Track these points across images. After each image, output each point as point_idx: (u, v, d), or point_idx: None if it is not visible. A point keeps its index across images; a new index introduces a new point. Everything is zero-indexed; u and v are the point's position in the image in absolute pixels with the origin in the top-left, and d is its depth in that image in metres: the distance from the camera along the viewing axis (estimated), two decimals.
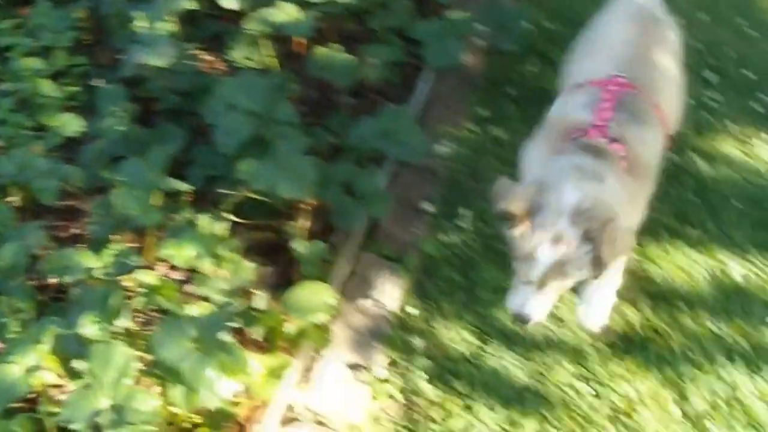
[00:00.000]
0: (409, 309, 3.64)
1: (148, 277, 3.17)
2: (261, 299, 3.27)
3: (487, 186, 4.05)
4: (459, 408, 3.39)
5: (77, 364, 2.87)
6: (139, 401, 2.78)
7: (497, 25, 4.69)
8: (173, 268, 3.45)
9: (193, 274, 3.31)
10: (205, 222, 3.38)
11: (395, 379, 3.45)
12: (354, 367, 3.43)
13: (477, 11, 4.68)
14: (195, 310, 3.09)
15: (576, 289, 3.59)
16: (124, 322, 2.99)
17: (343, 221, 3.70)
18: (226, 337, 2.89)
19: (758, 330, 3.88)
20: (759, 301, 4.01)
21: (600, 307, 3.68)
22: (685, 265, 4.03)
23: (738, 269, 4.10)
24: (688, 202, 4.24)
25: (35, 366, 2.87)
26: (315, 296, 3.29)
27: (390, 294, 3.68)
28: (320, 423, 3.29)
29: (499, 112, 4.60)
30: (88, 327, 2.93)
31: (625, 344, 3.72)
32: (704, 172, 4.50)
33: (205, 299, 3.21)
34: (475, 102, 4.64)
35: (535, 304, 3.08)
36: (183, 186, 3.44)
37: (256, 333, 3.21)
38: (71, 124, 3.89)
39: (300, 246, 3.53)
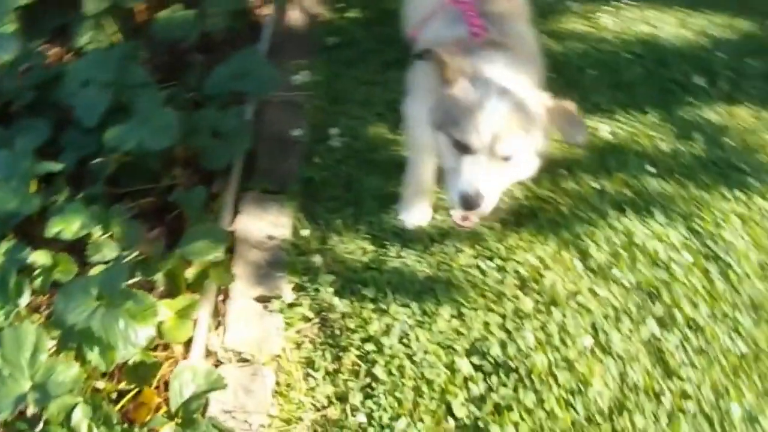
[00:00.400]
0: (303, 232, 3.64)
1: (42, 258, 3.12)
2: (157, 249, 3.23)
3: (348, 105, 4.12)
4: (373, 312, 3.40)
5: None
6: (59, 373, 2.74)
7: None
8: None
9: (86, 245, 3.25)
10: (86, 195, 3.35)
11: (305, 301, 3.43)
12: (262, 299, 3.41)
13: None
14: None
15: None
16: (26, 300, 2.93)
17: (212, 161, 3.68)
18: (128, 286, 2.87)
19: (639, 178, 4.03)
20: (632, 152, 4.17)
21: None
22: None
23: (606, 128, 4.26)
24: (546, 79, 4.30)
25: None
26: (207, 236, 3.26)
27: (281, 224, 3.66)
28: (243, 360, 3.27)
29: (347, 37, 4.63)
30: None
31: (516, 218, 3.80)
32: (556, 50, 4.62)
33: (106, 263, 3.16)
34: (322, 32, 4.65)
35: (485, 180, 2.86)
36: (56, 166, 3.39)
37: (159, 282, 3.18)
38: None
39: (181, 195, 3.51)
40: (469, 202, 2.86)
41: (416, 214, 3.71)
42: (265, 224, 3.64)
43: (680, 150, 4.22)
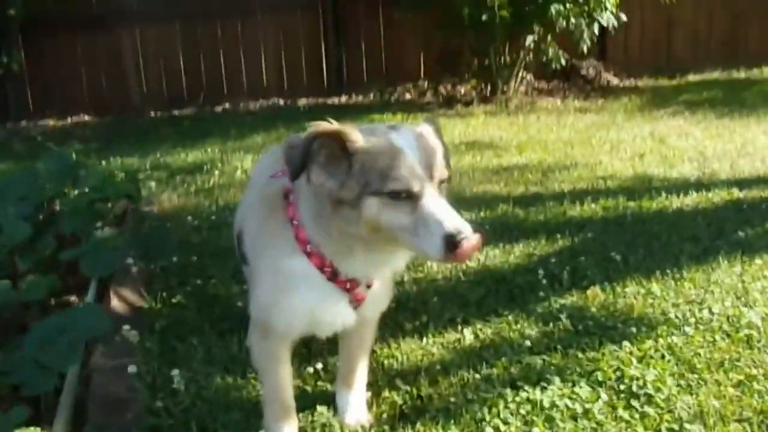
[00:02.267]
0: None
1: None
2: None
3: (189, 364, 3.32)
4: None
5: None
6: None
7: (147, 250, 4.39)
8: None
9: None
10: None
11: None
12: None
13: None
14: None
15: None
16: None
17: (34, 387, 2.78)
18: None
19: (521, 360, 3.33)
20: (503, 343, 3.51)
21: (358, 405, 3.01)
22: (417, 348, 3.49)
23: (468, 333, 3.61)
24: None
25: None
26: None
27: None
28: None
29: (176, 319, 3.81)
30: None
31: (403, 420, 2.96)
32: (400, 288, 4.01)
33: None
34: (149, 319, 3.82)
35: (450, 210, 2.20)
36: None
37: None
38: None
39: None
40: (455, 240, 2.14)
41: None
42: None
43: (550, 331, 3.56)
